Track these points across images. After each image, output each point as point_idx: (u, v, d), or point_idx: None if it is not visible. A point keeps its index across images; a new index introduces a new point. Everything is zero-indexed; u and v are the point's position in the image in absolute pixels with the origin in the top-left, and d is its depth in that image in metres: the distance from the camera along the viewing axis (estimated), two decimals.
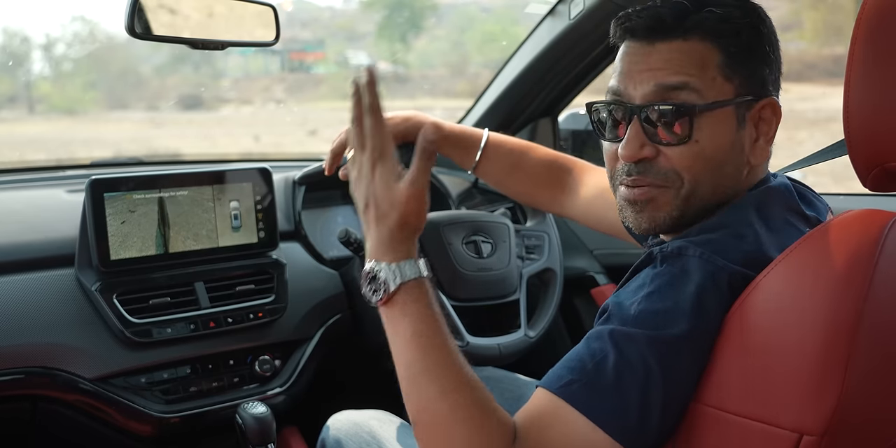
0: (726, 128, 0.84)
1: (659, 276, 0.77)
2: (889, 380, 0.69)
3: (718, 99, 0.83)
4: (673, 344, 0.73)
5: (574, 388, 0.75)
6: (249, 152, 7.43)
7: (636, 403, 0.73)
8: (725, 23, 0.83)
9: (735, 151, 0.85)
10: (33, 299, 1.30)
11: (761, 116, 0.86)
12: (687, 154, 0.83)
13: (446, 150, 1.39)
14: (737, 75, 0.84)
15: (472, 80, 13.58)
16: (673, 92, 0.83)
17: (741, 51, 0.84)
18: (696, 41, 0.83)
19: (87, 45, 14.62)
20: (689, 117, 0.82)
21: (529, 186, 1.37)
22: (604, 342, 0.76)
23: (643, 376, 0.73)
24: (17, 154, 9.03)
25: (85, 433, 1.35)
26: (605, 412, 0.73)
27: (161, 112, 13.39)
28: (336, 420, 1.30)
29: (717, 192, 0.85)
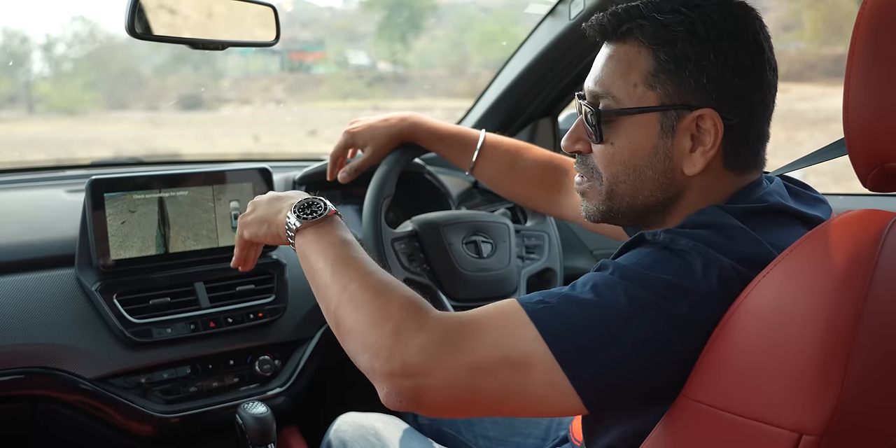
0: (646, 134, 0.85)
1: (651, 255, 0.78)
2: (889, 380, 0.69)
3: (636, 105, 0.84)
4: (650, 305, 0.74)
5: (539, 307, 0.77)
6: (249, 152, 7.42)
7: (593, 338, 0.74)
8: (662, 30, 0.83)
9: (658, 159, 0.85)
10: (33, 299, 1.30)
11: (700, 126, 0.83)
12: (603, 154, 0.88)
13: (444, 152, 1.39)
14: (665, 84, 0.83)
15: (471, 81, 13.56)
16: (598, 97, 0.87)
17: (674, 59, 0.82)
18: (629, 46, 0.85)
19: (87, 46, 14.62)
20: (608, 121, 0.86)
21: (526, 187, 1.37)
22: (585, 283, 0.78)
23: (609, 315, 0.75)
24: (16, 154, 9.01)
25: (85, 433, 1.35)
26: (559, 334, 0.75)
27: (161, 112, 13.37)
28: (341, 422, 1.30)
29: (640, 193, 0.88)
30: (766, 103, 0.86)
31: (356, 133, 1.39)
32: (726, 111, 0.83)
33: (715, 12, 0.82)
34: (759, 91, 0.85)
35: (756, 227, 0.80)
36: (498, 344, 0.77)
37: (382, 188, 1.39)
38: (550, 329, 0.75)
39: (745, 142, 0.86)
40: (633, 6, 0.86)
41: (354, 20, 17.33)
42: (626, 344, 0.74)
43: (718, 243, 0.77)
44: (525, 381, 0.76)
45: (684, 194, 0.87)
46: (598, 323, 0.75)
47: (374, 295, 0.84)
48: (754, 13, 0.86)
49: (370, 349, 0.81)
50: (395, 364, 0.78)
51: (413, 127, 1.38)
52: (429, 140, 1.39)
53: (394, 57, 15.46)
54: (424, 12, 15.94)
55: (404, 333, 0.79)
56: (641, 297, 0.75)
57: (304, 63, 15.03)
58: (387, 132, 1.37)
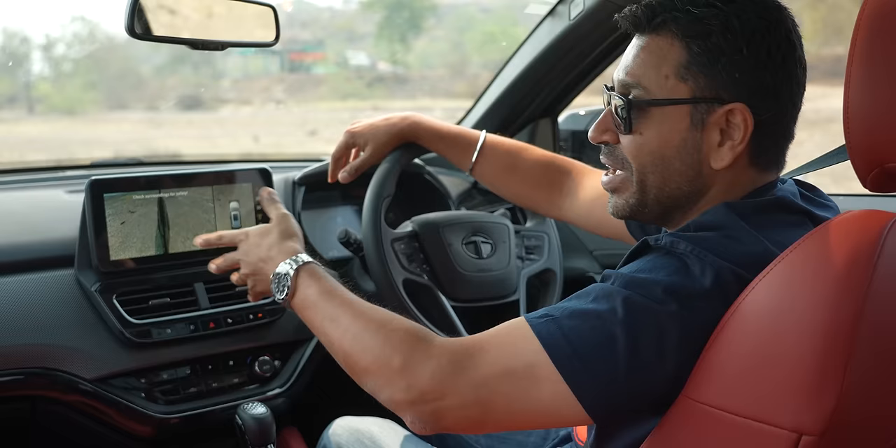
0: (675, 126, 0.85)
1: (654, 261, 0.80)
2: (889, 380, 0.69)
3: (669, 97, 0.85)
4: (648, 311, 0.75)
5: (542, 320, 0.80)
6: (249, 153, 7.42)
7: (593, 348, 0.76)
8: (697, 23, 0.83)
9: (686, 151, 0.86)
10: (33, 300, 1.30)
11: (730, 121, 0.84)
12: (632, 144, 0.88)
13: (444, 151, 1.39)
14: (697, 77, 0.84)
15: (471, 81, 13.56)
16: (629, 87, 0.87)
17: (707, 52, 0.83)
18: (663, 38, 0.85)
19: (87, 46, 14.62)
20: (632, 111, 0.87)
21: (526, 188, 1.37)
22: (588, 294, 0.80)
23: (608, 325, 0.76)
24: (16, 154, 9.02)
25: (84, 434, 1.35)
26: (561, 346, 0.77)
27: (161, 112, 13.37)
28: (337, 426, 1.30)
29: (667, 185, 0.88)
30: (794, 101, 0.86)
31: (357, 132, 1.39)
32: (757, 106, 0.83)
33: (749, 8, 0.83)
34: (789, 88, 0.85)
35: (763, 225, 0.81)
36: (502, 358, 0.80)
37: (382, 188, 1.39)
38: (551, 340, 0.78)
39: (773, 138, 0.87)
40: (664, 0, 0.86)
41: (354, 20, 17.33)
42: (624, 351, 0.75)
43: (717, 246, 0.78)
44: (531, 392, 0.78)
45: (710, 189, 0.88)
46: (597, 332, 0.76)
47: (373, 334, 0.89)
48: (787, 11, 0.86)
49: (386, 384, 0.86)
50: (412, 393, 0.83)
51: (414, 126, 1.38)
52: (430, 139, 1.38)
53: (394, 57, 15.47)
54: (424, 13, 15.95)
55: (413, 364, 0.84)
56: (638, 303, 0.76)
57: (304, 63, 15.04)
58: (388, 131, 1.37)
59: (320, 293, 0.99)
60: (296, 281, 1.02)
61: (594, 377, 0.76)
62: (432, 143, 1.39)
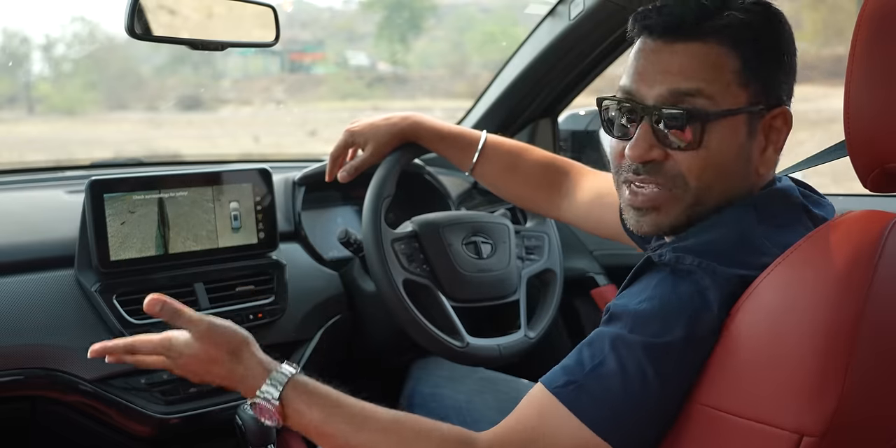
0: (736, 136, 0.82)
1: (659, 283, 0.77)
2: (890, 381, 0.69)
3: (732, 106, 0.81)
4: (670, 350, 0.74)
5: (570, 390, 0.76)
6: (249, 153, 7.42)
7: (629, 408, 0.74)
8: (746, 28, 0.81)
9: (742, 160, 0.83)
10: (33, 300, 1.30)
11: (772, 125, 0.84)
12: (695, 160, 0.82)
13: (444, 151, 1.39)
14: (752, 83, 0.82)
15: (471, 81, 13.56)
16: (686, 97, 0.81)
17: (758, 58, 0.82)
18: (714, 45, 0.81)
19: (87, 46, 14.62)
20: (701, 124, 0.81)
21: (526, 189, 1.37)
22: (603, 346, 0.77)
23: (638, 383, 0.74)
24: (16, 155, 9.03)
25: (84, 434, 1.35)
26: (598, 415, 0.75)
27: (160, 113, 13.38)
28: None
29: (722, 199, 0.84)
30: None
31: (357, 131, 1.38)
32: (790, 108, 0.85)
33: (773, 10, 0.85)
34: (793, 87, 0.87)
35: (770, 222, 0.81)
36: (552, 446, 0.77)
37: (382, 189, 1.39)
38: (589, 414, 0.75)
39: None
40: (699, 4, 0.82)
41: (354, 21, 17.33)
42: (659, 396, 0.75)
43: (724, 249, 0.77)
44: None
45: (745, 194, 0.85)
46: (629, 393, 0.75)
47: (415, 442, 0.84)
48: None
49: None
50: None
51: (414, 126, 1.37)
52: (430, 139, 1.38)
53: (394, 57, 15.47)
54: (424, 13, 15.94)
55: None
56: (657, 346, 0.74)
57: (304, 64, 15.04)
58: (388, 130, 1.36)
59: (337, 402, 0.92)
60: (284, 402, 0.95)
61: (638, 432, 0.75)
62: (433, 143, 1.39)
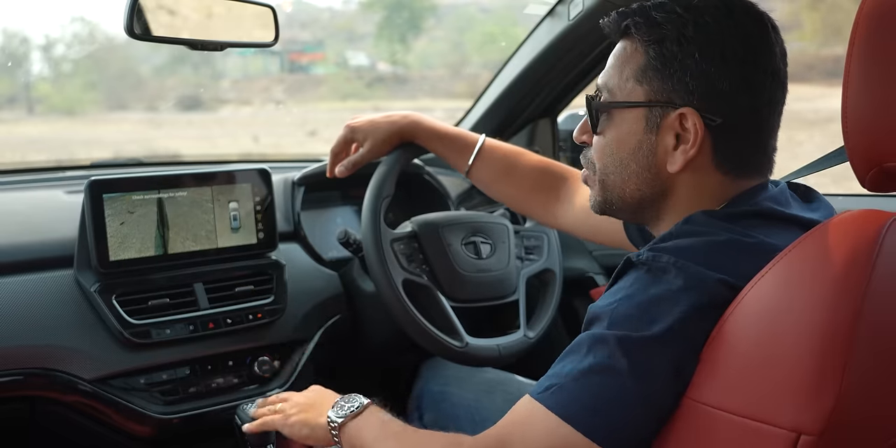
0: (632, 129, 0.88)
1: (635, 281, 0.79)
2: (888, 379, 0.69)
3: (628, 100, 0.87)
4: (644, 345, 0.75)
5: (551, 392, 0.78)
6: (249, 153, 7.43)
7: (608, 403, 0.75)
8: (654, 28, 0.85)
9: (642, 153, 0.88)
10: (32, 300, 1.30)
11: (683, 125, 0.84)
12: (598, 145, 0.93)
13: (442, 152, 1.39)
14: (653, 81, 0.85)
15: (471, 81, 13.55)
16: (600, 89, 0.92)
17: (661, 57, 0.84)
18: (629, 43, 0.88)
19: (87, 46, 14.62)
20: (597, 114, 0.91)
21: (522, 192, 1.37)
22: (581, 347, 0.79)
23: (615, 376, 0.75)
24: (16, 155, 9.03)
25: (83, 434, 1.35)
26: (576, 411, 0.76)
27: (160, 113, 13.38)
28: None
29: (627, 186, 0.90)
30: (758, 109, 0.85)
31: (357, 127, 1.39)
32: (708, 111, 0.84)
33: (709, 14, 0.83)
34: (748, 96, 0.84)
35: (745, 229, 0.80)
36: (534, 444, 0.79)
37: (381, 189, 1.39)
38: (567, 411, 0.77)
39: (736, 145, 0.86)
40: (640, 6, 0.88)
41: (354, 21, 17.33)
42: (638, 392, 0.75)
43: (700, 254, 0.77)
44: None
45: (673, 192, 0.89)
46: (607, 387, 0.76)
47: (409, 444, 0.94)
48: (758, 18, 0.86)
49: None
50: None
51: (414, 125, 1.38)
52: (428, 139, 1.38)
53: (393, 58, 15.47)
54: (424, 13, 15.94)
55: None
56: (633, 340, 0.75)
57: (304, 64, 15.04)
58: (388, 128, 1.37)
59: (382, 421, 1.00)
60: (364, 408, 1.03)
61: (621, 428, 0.76)
62: (430, 143, 1.39)
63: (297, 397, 1.14)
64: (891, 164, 0.72)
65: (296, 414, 1.11)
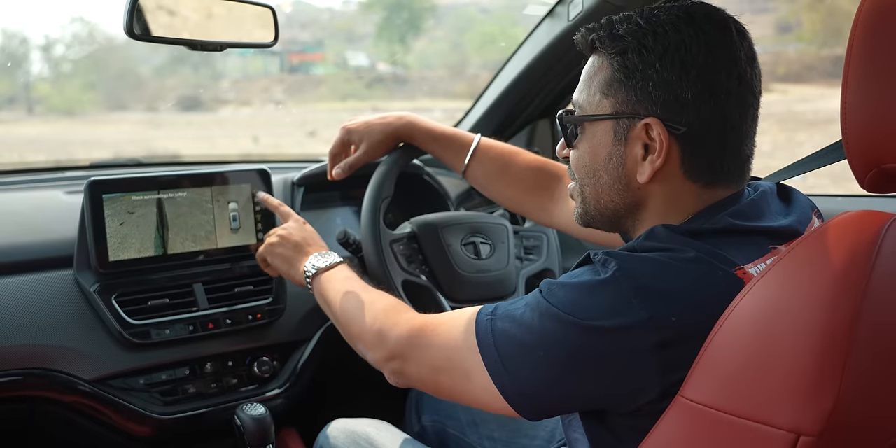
0: (602, 141, 0.90)
1: (583, 274, 0.83)
2: (887, 380, 0.69)
3: (595, 113, 0.89)
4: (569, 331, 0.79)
5: (485, 317, 0.87)
6: (248, 153, 7.43)
7: (513, 351, 0.82)
8: (616, 40, 0.86)
9: (612, 165, 0.89)
10: (32, 301, 1.30)
11: (649, 135, 0.85)
12: (574, 158, 0.95)
13: (438, 152, 1.40)
14: (617, 92, 0.87)
15: (471, 82, 13.57)
16: (572, 104, 0.94)
17: (623, 69, 0.85)
18: (597, 57, 0.90)
19: (86, 47, 14.63)
20: (567, 127, 0.94)
21: (517, 192, 1.37)
22: (526, 302, 0.85)
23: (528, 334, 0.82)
24: (16, 155, 9.03)
25: (83, 434, 1.35)
26: (488, 342, 0.84)
27: (160, 113, 13.39)
28: (333, 428, 1.30)
29: (601, 197, 0.92)
30: (726, 115, 0.84)
31: (353, 129, 1.39)
32: (672, 120, 0.84)
33: (669, 24, 0.84)
34: (713, 102, 0.83)
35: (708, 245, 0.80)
36: (444, 348, 0.91)
37: (381, 189, 1.39)
38: (484, 342, 0.85)
39: (705, 153, 0.85)
40: (607, 19, 0.89)
41: (354, 21, 17.35)
42: (543, 365, 0.80)
43: (645, 271, 0.78)
44: (467, 382, 0.87)
45: (646, 202, 0.90)
46: (521, 342, 0.82)
47: (366, 306, 1.09)
48: (721, 24, 0.85)
49: (368, 345, 1.06)
50: (384, 352, 1.01)
51: (409, 126, 1.38)
52: (424, 139, 1.39)
53: (393, 58, 15.49)
54: (424, 13, 15.96)
55: (385, 329, 1.01)
56: (562, 321, 0.79)
57: (304, 64, 15.05)
58: (383, 130, 1.37)
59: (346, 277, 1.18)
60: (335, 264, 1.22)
61: (518, 384, 0.82)
62: (426, 144, 1.40)
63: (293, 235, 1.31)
64: (890, 165, 0.72)
65: (283, 250, 1.29)
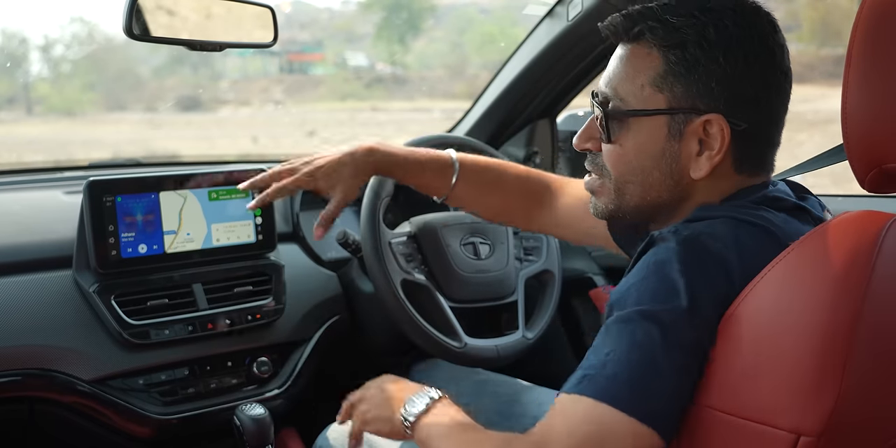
0: (653, 137, 0.85)
1: (653, 255, 0.78)
2: (887, 381, 0.69)
3: (643, 108, 0.85)
4: (669, 318, 0.73)
5: (586, 381, 0.75)
6: (248, 153, 7.42)
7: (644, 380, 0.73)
8: (674, 32, 0.82)
9: (665, 161, 0.86)
10: (31, 301, 1.30)
11: (708, 131, 0.83)
12: (611, 153, 0.89)
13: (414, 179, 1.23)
14: (674, 87, 0.83)
15: (470, 82, 13.58)
16: (608, 96, 0.88)
17: (683, 62, 0.82)
18: (641, 48, 0.85)
19: (86, 47, 14.63)
20: (609, 122, 0.87)
21: (505, 204, 1.29)
22: (607, 334, 0.76)
23: (646, 353, 0.73)
24: (15, 155, 9.03)
25: (82, 435, 1.35)
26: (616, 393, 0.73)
27: (159, 113, 13.39)
28: (333, 430, 1.30)
29: (648, 195, 0.88)
30: (776, 108, 0.85)
31: (319, 175, 1.16)
32: (734, 116, 0.82)
33: (727, 17, 0.82)
34: (768, 96, 0.84)
35: (753, 215, 0.80)
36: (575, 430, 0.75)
37: (380, 189, 1.39)
38: (605, 393, 0.74)
39: (755, 147, 0.86)
40: (647, 8, 0.85)
41: (353, 21, 17.36)
42: (668, 368, 0.73)
43: (720, 232, 0.77)
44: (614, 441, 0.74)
45: (692, 196, 0.88)
46: (639, 365, 0.74)
47: None
48: (767, 17, 0.85)
49: None
50: None
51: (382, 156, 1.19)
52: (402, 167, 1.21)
53: (392, 58, 15.49)
54: (423, 13, 15.97)
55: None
56: (656, 312, 0.74)
57: (303, 64, 15.05)
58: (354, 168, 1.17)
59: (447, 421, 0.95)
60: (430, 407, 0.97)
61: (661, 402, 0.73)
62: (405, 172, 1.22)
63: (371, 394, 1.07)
64: (890, 165, 0.72)
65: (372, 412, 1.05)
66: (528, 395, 1.42)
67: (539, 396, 1.41)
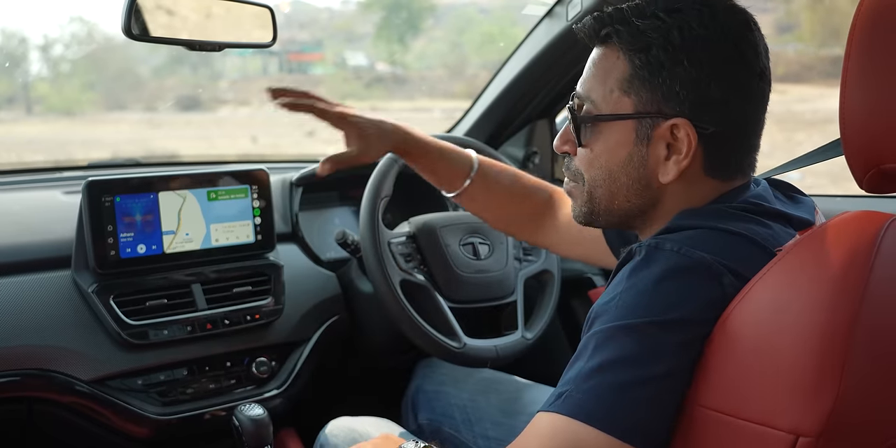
0: (621, 141, 0.84)
1: (635, 269, 0.76)
2: (886, 381, 0.69)
3: (614, 112, 0.84)
4: (648, 331, 0.72)
5: (562, 399, 0.74)
6: (247, 153, 7.42)
7: (623, 397, 0.72)
8: (638, 35, 0.81)
9: (633, 165, 0.85)
10: (30, 301, 1.30)
11: (674, 135, 0.82)
12: (583, 158, 0.89)
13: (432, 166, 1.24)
14: (639, 91, 0.82)
15: (470, 81, 13.57)
16: (581, 100, 0.88)
17: (647, 66, 0.81)
18: (610, 51, 0.84)
19: (85, 47, 14.61)
20: (584, 125, 0.87)
21: (510, 212, 1.29)
22: (585, 349, 0.75)
23: (625, 369, 0.72)
24: (14, 155, 9.02)
25: (81, 435, 1.35)
26: (593, 411, 0.72)
27: (159, 113, 13.38)
28: (334, 427, 1.30)
29: (616, 198, 0.88)
30: (748, 112, 0.83)
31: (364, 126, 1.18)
32: (701, 120, 0.81)
33: (694, 18, 0.80)
34: (739, 99, 0.82)
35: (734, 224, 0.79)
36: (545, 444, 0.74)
37: (380, 189, 1.39)
38: (582, 411, 0.72)
39: (727, 151, 0.84)
40: (617, 10, 0.84)
41: (353, 21, 17.34)
42: (649, 384, 0.72)
43: (705, 240, 0.76)
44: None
45: (662, 200, 0.86)
46: (618, 381, 0.72)
47: None
48: (742, 17, 0.83)
49: None
50: None
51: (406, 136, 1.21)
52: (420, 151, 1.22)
53: (392, 58, 15.47)
54: (423, 13, 15.95)
55: None
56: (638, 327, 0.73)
57: (303, 64, 15.04)
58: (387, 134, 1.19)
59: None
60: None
61: (640, 420, 0.72)
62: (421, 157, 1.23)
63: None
64: (889, 165, 0.72)
65: None
66: (530, 393, 1.42)
67: (541, 394, 1.41)
